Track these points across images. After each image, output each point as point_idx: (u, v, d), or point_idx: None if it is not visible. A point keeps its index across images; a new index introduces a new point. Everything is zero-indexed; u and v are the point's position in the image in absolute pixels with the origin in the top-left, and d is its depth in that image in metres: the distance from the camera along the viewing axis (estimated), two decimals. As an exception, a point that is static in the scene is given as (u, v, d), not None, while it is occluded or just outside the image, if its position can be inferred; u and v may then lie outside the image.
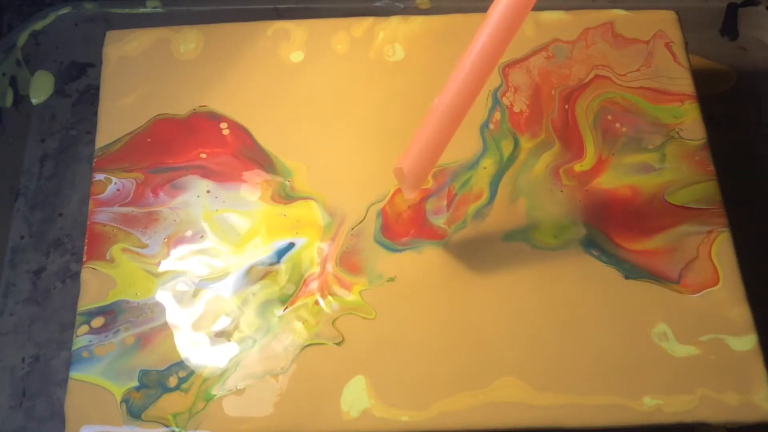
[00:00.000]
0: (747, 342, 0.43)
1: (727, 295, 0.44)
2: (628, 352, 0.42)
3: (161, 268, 0.44)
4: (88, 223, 0.46)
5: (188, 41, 0.51)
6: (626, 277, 0.44)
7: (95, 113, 0.56)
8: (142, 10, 0.59)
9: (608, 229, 0.45)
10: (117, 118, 0.48)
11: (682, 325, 0.43)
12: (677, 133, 0.48)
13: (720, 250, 0.45)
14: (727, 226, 0.46)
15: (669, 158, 0.48)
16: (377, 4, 0.59)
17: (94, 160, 0.47)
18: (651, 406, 0.41)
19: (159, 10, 0.59)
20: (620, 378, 0.42)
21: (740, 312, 0.43)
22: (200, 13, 0.59)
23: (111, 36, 0.51)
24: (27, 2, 0.60)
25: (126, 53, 0.50)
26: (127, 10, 0.59)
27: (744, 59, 0.60)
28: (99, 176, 0.47)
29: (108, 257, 0.45)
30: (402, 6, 0.60)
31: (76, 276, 0.52)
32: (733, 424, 0.41)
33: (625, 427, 0.41)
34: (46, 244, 0.54)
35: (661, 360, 0.42)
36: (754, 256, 0.47)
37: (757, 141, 0.57)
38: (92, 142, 0.56)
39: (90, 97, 0.59)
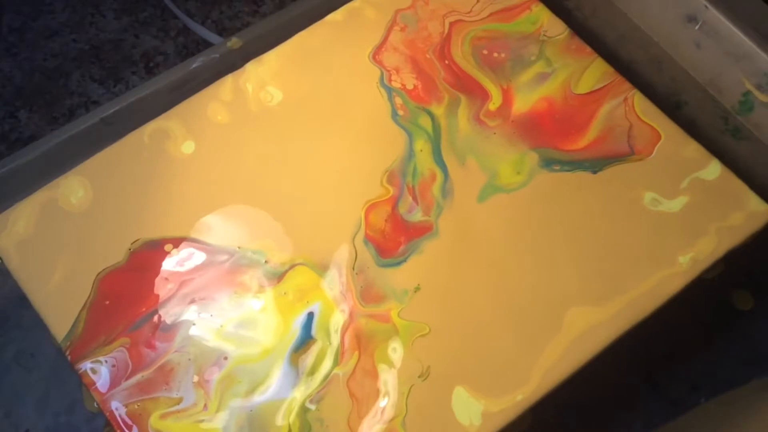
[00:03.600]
0: (714, 169, 0.47)
1: (673, 141, 0.48)
2: (639, 231, 0.46)
3: (210, 410, 0.41)
4: (107, 414, 0.41)
5: (75, 190, 0.46)
6: (594, 173, 0.47)
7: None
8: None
9: (552, 142, 0.48)
10: (58, 301, 0.43)
11: (661, 184, 0.47)
12: (544, 35, 0.52)
13: (643, 109, 0.49)
14: (634, 88, 0.50)
15: (553, 59, 0.51)
16: (195, 65, 0.57)
17: (66, 353, 0.42)
18: (687, 261, 0.45)
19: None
20: (649, 256, 0.45)
21: (692, 147, 0.48)
22: (34, 162, 0.53)
23: (-9, 228, 0.45)
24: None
25: (20, 236, 0.45)
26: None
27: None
28: (84, 366, 0.42)
29: (153, 432, 0.41)
30: (217, 56, 0.57)
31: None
32: (752, 236, 0.45)
33: (682, 291, 0.44)
34: (33, 468, 0.48)
35: (667, 221, 0.46)
36: (662, 98, 0.51)
37: (580, 8, 0.62)
38: (7, 343, 0.50)
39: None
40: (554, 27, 0.52)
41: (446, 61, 0.50)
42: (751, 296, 0.51)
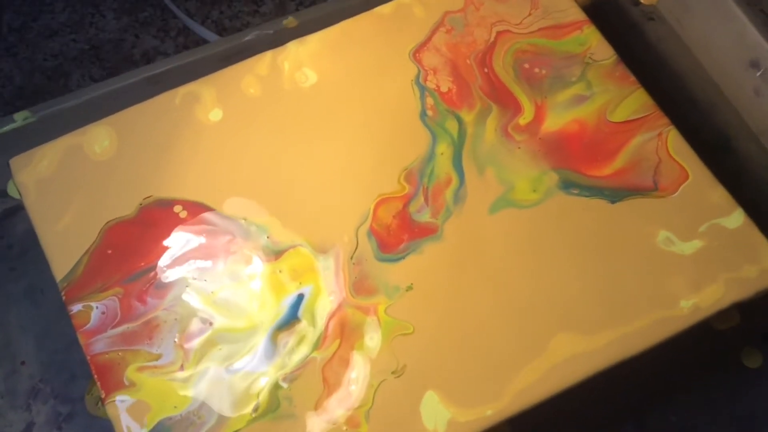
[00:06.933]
0: (737, 218, 0.46)
1: (701, 184, 0.47)
2: (646, 268, 0.44)
3: (186, 371, 0.42)
4: (88, 357, 0.42)
5: (100, 139, 0.48)
6: (612, 202, 0.46)
7: (9, 246, 0.53)
8: (11, 126, 0.55)
9: (576, 166, 0.47)
10: (64, 242, 0.45)
11: (678, 225, 0.46)
12: (590, 58, 0.51)
13: (675, 147, 0.48)
14: (671, 124, 0.49)
15: (594, 83, 0.50)
16: (247, 38, 0.58)
17: (62, 292, 0.44)
18: (689, 307, 0.43)
19: (31, 119, 0.55)
20: (652, 294, 0.44)
21: (718, 193, 0.46)
22: (76, 108, 0.55)
23: (16, 162, 0.47)
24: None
25: (41, 175, 0.47)
26: (-3, 132, 0.55)
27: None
28: (75, 307, 0.43)
29: (127, 383, 0.42)
30: (271, 32, 0.58)
31: (70, 418, 0.48)
32: (763, 293, 0.44)
33: (677, 335, 0.43)
34: (22, 398, 0.49)
35: (677, 263, 0.45)
36: (700, 140, 0.50)
37: (645, 36, 0.61)
38: (21, 276, 0.52)
39: (-7, 230, 0.54)
40: (602, 51, 0.51)
41: (485, 69, 0.50)
42: (761, 355, 0.50)
